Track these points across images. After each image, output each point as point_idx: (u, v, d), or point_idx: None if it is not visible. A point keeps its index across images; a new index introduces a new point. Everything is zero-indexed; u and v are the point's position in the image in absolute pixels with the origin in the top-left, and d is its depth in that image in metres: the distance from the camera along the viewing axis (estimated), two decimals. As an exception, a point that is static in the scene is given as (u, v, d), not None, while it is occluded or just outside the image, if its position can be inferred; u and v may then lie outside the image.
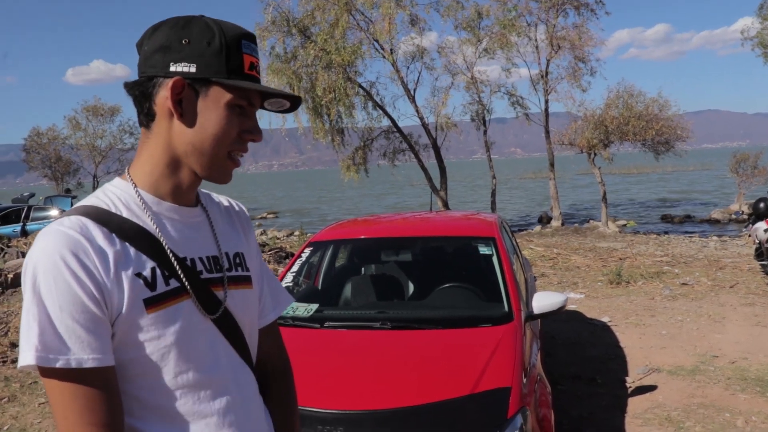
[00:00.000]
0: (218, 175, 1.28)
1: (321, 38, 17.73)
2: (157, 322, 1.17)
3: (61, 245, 1.11)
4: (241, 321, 1.35)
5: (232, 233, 1.43)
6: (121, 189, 1.27)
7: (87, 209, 1.20)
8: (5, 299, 9.06)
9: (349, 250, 4.99)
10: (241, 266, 1.39)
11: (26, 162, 31.97)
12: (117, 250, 1.16)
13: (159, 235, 1.23)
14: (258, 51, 1.30)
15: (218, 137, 1.22)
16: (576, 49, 20.92)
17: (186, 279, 1.23)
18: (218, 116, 1.22)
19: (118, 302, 1.14)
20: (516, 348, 3.26)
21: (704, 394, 5.15)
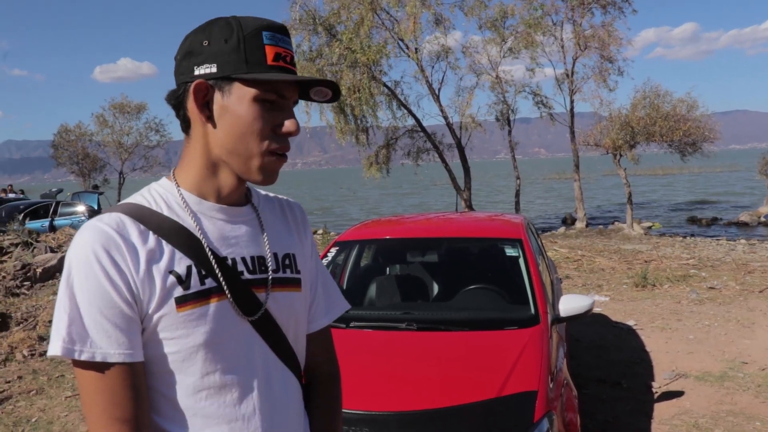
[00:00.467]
0: (259, 176, 1.23)
1: (346, 37, 17.77)
2: (187, 321, 1.16)
3: (94, 240, 1.12)
4: (285, 324, 1.32)
5: (285, 234, 1.40)
6: (164, 188, 1.27)
7: (128, 206, 1.21)
8: (34, 293, 9.20)
9: (374, 251, 4.99)
10: (290, 268, 1.35)
11: (54, 158, 32.37)
12: (151, 247, 1.16)
13: (198, 233, 1.22)
14: (289, 42, 1.24)
15: (248, 135, 1.19)
16: (604, 48, 20.71)
17: (224, 279, 1.21)
18: (245, 113, 1.18)
19: (149, 298, 1.14)
20: (542, 351, 3.23)
21: (733, 401, 5.07)
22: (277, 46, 1.20)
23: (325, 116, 19.59)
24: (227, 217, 1.28)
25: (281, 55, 1.20)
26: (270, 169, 1.24)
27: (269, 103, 1.19)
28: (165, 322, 1.16)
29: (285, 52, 1.21)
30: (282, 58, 1.20)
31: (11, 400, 5.50)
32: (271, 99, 1.19)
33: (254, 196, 1.39)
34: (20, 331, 7.19)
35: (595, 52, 21.10)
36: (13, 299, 8.68)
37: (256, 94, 1.18)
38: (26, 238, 12.39)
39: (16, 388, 5.78)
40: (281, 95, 1.20)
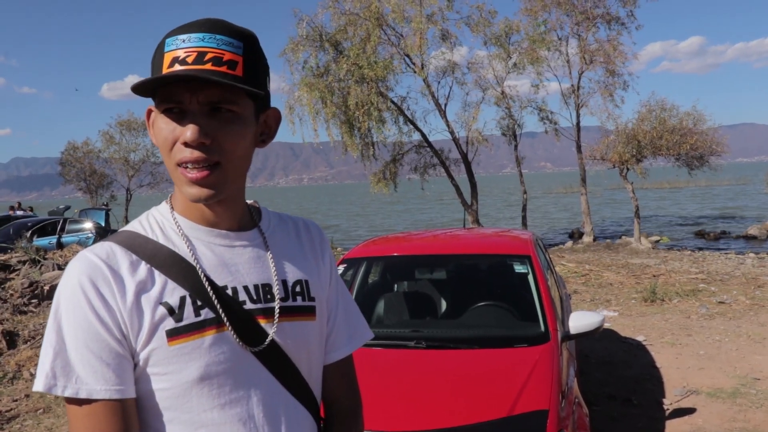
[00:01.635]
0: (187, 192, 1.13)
1: (353, 53, 17.85)
2: (180, 355, 1.09)
3: (81, 272, 1.09)
4: (296, 356, 1.23)
5: (298, 259, 1.30)
6: (161, 213, 1.23)
7: (122, 235, 1.17)
8: (41, 311, 9.20)
9: (382, 268, 4.98)
10: (301, 295, 1.26)
11: (62, 175, 32.60)
12: (141, 278, 1.11)
13: (193, 261, 1.15)
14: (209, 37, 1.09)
15: (161, 150, 1.13)
16: (609, 63, 20.73)
17: (222, 309, 1.13)
18: (156, 129, 1.12)
19: (138, 332, 1.09)
20: (553, 369, 3.21)
21: (746, 418, 5.01)
22: (178, 48, 1.08)
23: (331, 132, 19.64)
24: (227, 242, 1.20)
25: (179, 58, 1.07)
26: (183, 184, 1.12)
27: (174, 113, 1.10)
28: (156, 357, 1.09)
29: (187, 52, 1.08)
30: (179, 60, 1.07)
31: (18, 419, 5.48)
32: (170, 107, 1.10)
33: (265, 218, 1.31)
34: (27, 349, 7.19)
35: (601, 66, 21.12)
36: (20, 317, 8.68)
37: (157, 108, 1.12)
38: (34, 255, 12.42)
39: (23, 406, 5.77)
40: (176, 101, 1.09)
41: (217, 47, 1.09)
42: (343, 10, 18.72)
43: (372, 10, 18.00)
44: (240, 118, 1.13)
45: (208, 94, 1.08)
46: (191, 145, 1.08)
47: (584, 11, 20.81)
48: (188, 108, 1.09)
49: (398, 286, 4.86)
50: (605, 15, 21.03)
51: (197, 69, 1.06)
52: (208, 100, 1.09)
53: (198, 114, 1.09)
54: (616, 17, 21.07)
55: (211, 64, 1.07)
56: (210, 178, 1.10)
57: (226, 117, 1.11)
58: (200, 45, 1.08)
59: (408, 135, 20.46)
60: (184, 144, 1.09)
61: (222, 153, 1.11)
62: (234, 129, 1.12)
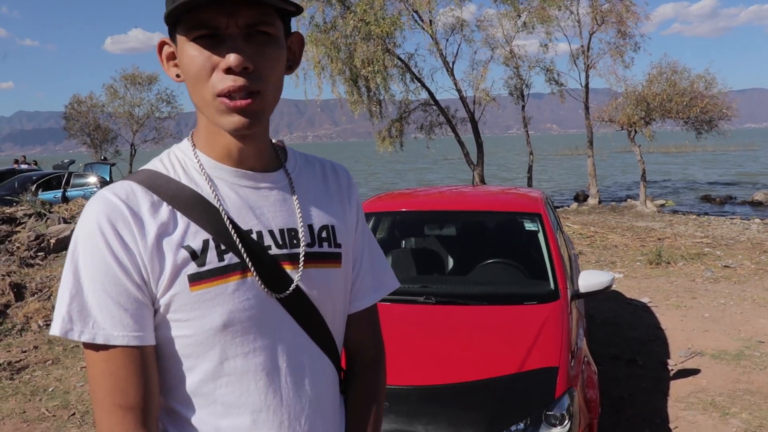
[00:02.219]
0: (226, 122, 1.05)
1: (360, 8, 17.55)
2: (203, 300, 1.04)
3: (100, 212, 1.03)
4: (321, 304, 1.17)
5: (324, 202, 1.24)
6: (183, 152, 1.15)
7: (143, 174, 1.11)
8: (48, 264, 9.25)
9: (390, 223, 4.94)
10: (328, 241, 1.20)
11: (66, 129, 32.46)
12: (163, 220, 1.05)
13: (217, 203, 1.09)
14: None
15: (193, 83, 1.04)
16: (621, 24, 20.38)
17: (247, 254, 1.08)
18: (186, 58, 1.03)
19: (159, 277, 1.04)
20: (563, 327, 3.20)
21: (750, 380, 5.03)
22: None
23: (337, 89, 19.44)
24: (252, 183, 1.14)
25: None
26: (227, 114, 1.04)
27: (206, 39, 1.01)
28: (178, 302, 1.04)
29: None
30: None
31: (28, 369, 5.53)
32: (203, 34, 1.01)
33: (291, 159, 1.24)
34: (35, 301, 7.23)
35: (612, 27, 20.77)
36: (27, 270, 8.72)
37: (186, 34, 1.02)
38: (39, 208, 12.44)
39: (32, 357, 5.82)
40: (212, 26, 1.00)
41: None
42: (351, -36, 18.37)
43: (381, -36, 17.64)
44: (275, 40, 1.06)
45: (246, 16, 1.00)
46: (235, 72, 1.01)
47: (597, -31, 20.37)
48: (226, 32, 1.01)
49: (407, 243, 4.84)
50: (618, -27, 20.59)
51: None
52: (246, 22, 1.01)
53: (237, 38, 1.01)
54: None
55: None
56: (253, 105, 1.03)
57: (263, 40, 1.04)
58: None
59: (415, 93, 20.27)
60: (226, 71, 1.01)
61: (261, 79, 1.04)
62: (272, 53, 1.05)
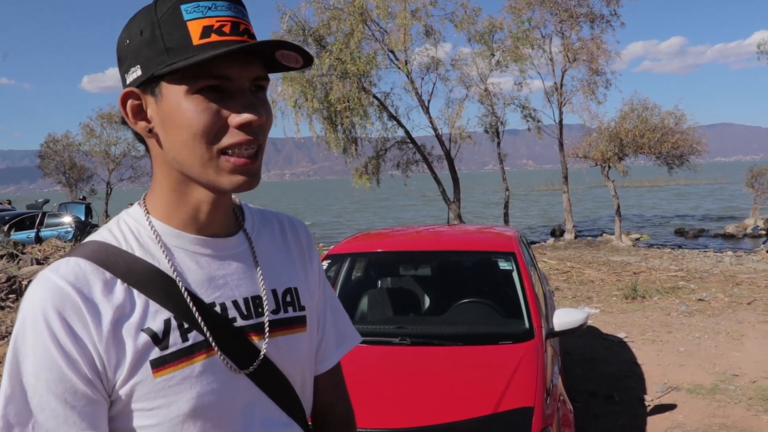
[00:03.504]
0: (228, 182, 0.98)
1: (336, 48, 17.79)
2: (168, 387, 0.96)
3: (46, 300, 0.91)
4: (290, 371, 1.11)
5: (286, 265, 1.17)
6: (134, 219, 1.05)
7: (92, 248, 0.99)
8: (19, 306, 9.08)
9: (366, 264, 4.95)
10: (292, 305, 1.13)
11: (41, 168, 32.19)
12: (119, 302, 0.95)
13: (176, 277, 1.00)
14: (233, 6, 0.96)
15: (193, 139, 0.94)
16: (592, 61, 20.88)
17: (210, 330, 1.00)
18: (182, 114, 0.94)
19: (118, 365, 0.94)
20: (538, 366, 3.21)
21: (725, 414, 5.06)
22: (206, 16, 0.93)
23: (314, 127, 19.57)
24: (213, 251, 1.05)
25: (212, 28, 0.93)
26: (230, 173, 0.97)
27: (215, 91, 0.94)
28: (141, 391, 0.95)
29: (220, 21, 0.93)
30: (215, 30, 0.93)
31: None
32: (211, 85, 0.93)
33: (248, 218, 1.17)
34: (5, 345, 7.08)
35: (584, 64, 21.27)
36: (-2, 312, 8.55)
37: (187, 88, 0.93)
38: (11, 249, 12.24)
39: (1, 402, 5.68)
40: (224, 77, 0.93)
41: (242, 18, 0.97)
42: (326, 4, 18.68)
43: (356, 5, 17.96)
44: (266, 95, 1.02)
45: (255, 70, 0.97)
46: (251, 127, 0.96)
47: (568, 9, 20.93)
48: (235, 85, 0.95)
49: (382, 283, 4.84)
50: (589, 14, 21.18)
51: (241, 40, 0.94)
52: (255, 75, 0.97)
53: (247, 92, 0.97)
54: (600, 15, 21.24)
55: (246, 36, 0.95)
56: (254, 164, 0.99)
57: (262, 96, 1.00)
58: (230, 14, 0.95)
59: (391, 131, 20.49)
60: (239, 127, 0.95)
61: (263, 136, 0.99)
62: (269, 109, 1.01)
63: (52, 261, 10.96)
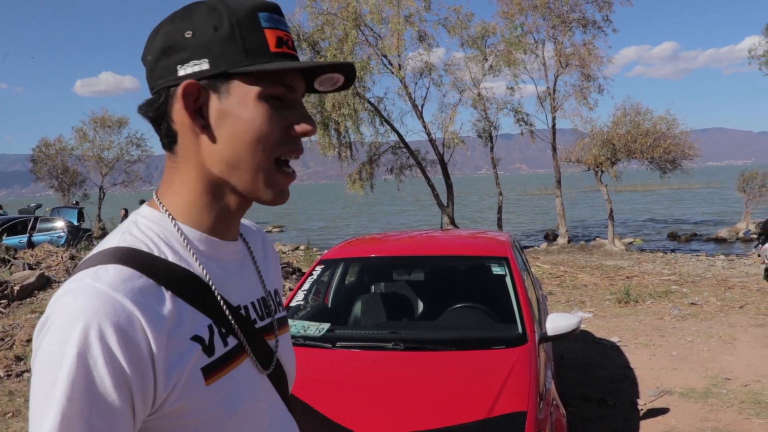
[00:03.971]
0: (270, 194, 0.99)
1: (330, 53, 17.82)
2: (218, 394, 0.94)
3: (100, 314, 0.81)
4: (289, 370, 1.15)
5: (267, 266, 1.21)
6: (156, 223, 0.99)
7: (127, 254, 0.91)
8: (11, 312, 9.03)
9: (359, 269, 4.96)
10: (280, 305, 1.19)
11: (33, 172, 32.09)
12: (170, 310, 0.90)
13: (210, 283, 0.98)
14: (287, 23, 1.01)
15: (256, 143, 0.95)
16: (585, 67, 20.97)
17: (243, 334, 1.01)
18: (252, 116, 0.94)
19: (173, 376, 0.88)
20: (531, 371, 3.21)
21: (718, 418, 5.08)
22: (278, 28, 0.96)
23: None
24: (232, 255, 1.06)
25: (284, 40, 0.97)
26: (282, 184, 1.01)
27: (277, 100, 0.96)
28: (192, 401, 0.91)
29: (287, 36, 0.98)
30: (285, 43, 0.97)
31: (-13, 421, 5.37)
32: (278, 94, 0.96)
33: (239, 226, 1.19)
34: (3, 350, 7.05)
35: (576, 69, 21.36)
36: (-11, 317, 8.51)
37: (262, 91, 0.94)
38: (3, 254, 12.19)
39: (-7, 409, 5.65)
40: (290, 87, 0.97)
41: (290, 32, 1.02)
42: (320, 9, 18.70)
43: (349, 11, 17.99)
44: None
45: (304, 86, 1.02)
46: (307, 136, 1.01)
47: (560, 15, 21.02)
48: (295, 97, 1.00)
49: (375, 288, 4.85)
50: (581, 19, 21.27)
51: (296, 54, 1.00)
52: (303, 90, 1.02)
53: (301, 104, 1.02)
54: (592, 21, 21.34)
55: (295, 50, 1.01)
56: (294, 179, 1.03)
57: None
58: (287, 29, 1.00)
59: (385, 136, 20.51)
60: (302, 133, 0.99)
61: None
62: None
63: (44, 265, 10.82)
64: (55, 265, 11.27)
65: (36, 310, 8.68)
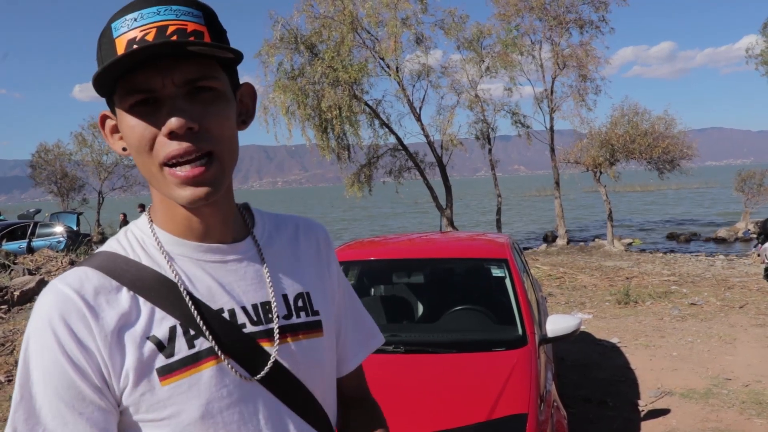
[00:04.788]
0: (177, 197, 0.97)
1: (328, 55, 17.82)
2: (176, 395, 0.96)
3: (52, 307, 0.94)
4: (307, 376, 1.09)
5: (298, 269, 1.16)
6: (140, 229, 1.07)
7: (100, 257, 1.02)
8: (11, 317, 9.03)
9: (358, 272, 4.96)
10: (305, 310, 1.12)
11: (32, 177, 32.10)
12: (124, 309, 0.96)
13: (180, 284, 1.00)
14: (169, 9, 0.93)
15: (137, 155, 0.96)
16: (582, 68, 20.98)
17: (215, 336, 0.99)
18: (125, 131, 0.95)
19: (124, 374, 0.94)
20: (531, 373, 3.22)
21: (719, 418, 5.08)
22: (131, 29, 0.91)
23: (306, 134, 19.58)
24: (218, 257, 1.05)
25: (135, 39, 0.90)
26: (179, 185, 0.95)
27: (144, 106, 0.93)
28: (149, 401, 0.95)
29: (144, 30, 0.91)
30: (138, 41, 0.90)
31: (-13, 427, 5.36)
32: (139, 100, 0.92)
33: (259, 223, 1.16)
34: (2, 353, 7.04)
35: (573, 70, 21.36)
36: (-11, 323, 8.51)
37: (123, 102, 0.93)
38: (3, 259, 12.19)
39: (-7, 415, 5.65)
40: (148, 90, 0.92)
41: (176, 18, 0.93)
42: (317, 13, 18.69)
43: (346, 14, 17.99)
44: (221, 95, 0.98)
45: (185, 72, 0.92)
46: (178, 135, 0.92)
47: (556, 16, 21.03)
48: (162, 94, 0.92)
49: (375, 291, 4.85)
50: (577, 20, 21.28)
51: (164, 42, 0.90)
52: (185, 78, 0.93)
53: (176, 98, 0.93)
54: (589, 21, 21.35)
55: (175, 37, 0.91)
56: (207, 173, 0.95)
57: (207, 97, 0.96)
58: (157, 20, 0.91)
59: (383, 138, 20.51)
60: (169, 136, 0.92)
61: (212, 140, 0.96)
62: (219, 109, 0.97)
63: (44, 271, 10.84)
64: (54, 270, 11.27)
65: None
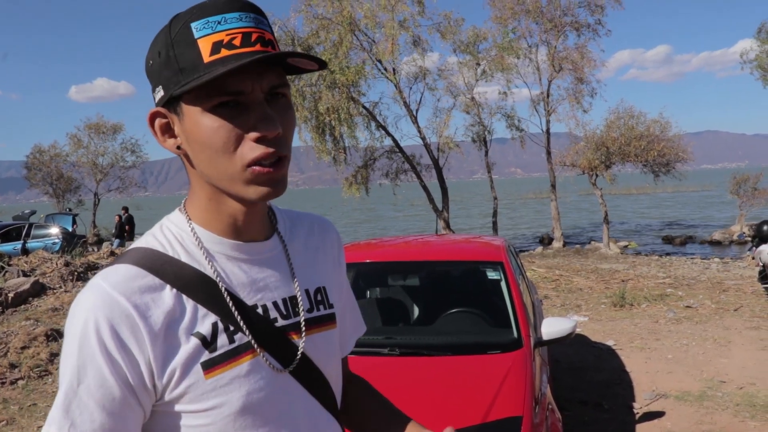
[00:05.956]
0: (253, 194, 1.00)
1: (325, 57, 17.83)
2: (219, 388, 0.99)
3: (98, 309, 0.94)
4: (325, 367, 1.15)
5: (315, 264, 1.21)
6: (177, 225, 1.08)
7: (140, 254, 1.02)
8: (5, 319, 9.00)
9: (354, 274, 4.95)
10: (323, 303, 1.18)
11: (27, 179, 32.05)
12: (169, 307, 0.98)
13: (219, 282, 1.03)
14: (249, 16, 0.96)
15: (215, 156, 0.97)
16: (578, 70, 21.03)
17: (252, 331, 1.03)
18: (203, 131, 0.96)
19: (170, 368, 0.97)
20: (526, 375, 3.22)
21: (713, 420, 5.09)
22: (216, 32, 0.93)
23: (303, 136, 19.60)
24: (251, 256, 1.09)
25: (222, 42, 0.93)
26: (261, 183, 0.99)
27: (228, 107, 0.95)
28: (193, 393, 0.98)
29: (230, 35, 0.93)
30: (225, 45, 0.93)
31: (-19, 429, 5.34)
32: (225, 101, 0.95)
33: (280, 221, 1.20)
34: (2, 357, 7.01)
35: (570, 73, 21.42)
36: (-16, 324, 8.47)
37: (204, 105, 0.95)
38: (-2, 261, 12.16)
39: (-13, 417, 5.62)
40: (237, 92, 0.94)
41: (255, 26, 0.96)
42: (315, 14, 18.73)
43: (344, 15, 18.02)
44: (290, 103, 1.03)
45: (271, 79, 0.97)
46: (268, 139, 0.97)
47: (552, 20, 21.09)
48: (249, 98, 0.96)
49: (371, 293, 4.84)
50: (574, 23, 21.34)
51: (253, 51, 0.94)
52: (270, 84, 0.97)
53: (263, 103, 0.97)
54: (585, 24, 21.41)
55: (259, 45, 0.95)
56: (281, 172, 1.00)
57: (283, 103, 1.00)
58: (241, 26, 0.94)
59: (380, 140, 20.54)
60: (257, 139, 0.96)
61: (287, 145, 1.01)
62: (291, 116, 1.02)
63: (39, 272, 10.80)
64: (49, 272, 11.23)
65: (30, 317, 8.63)
